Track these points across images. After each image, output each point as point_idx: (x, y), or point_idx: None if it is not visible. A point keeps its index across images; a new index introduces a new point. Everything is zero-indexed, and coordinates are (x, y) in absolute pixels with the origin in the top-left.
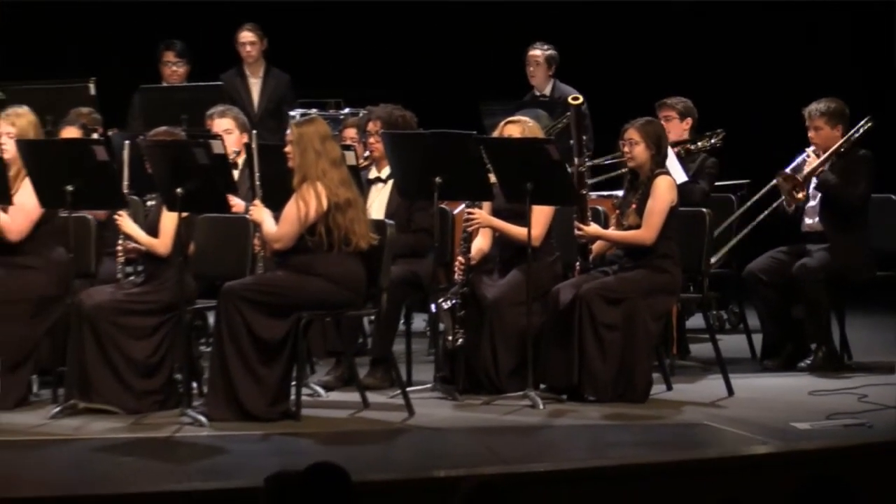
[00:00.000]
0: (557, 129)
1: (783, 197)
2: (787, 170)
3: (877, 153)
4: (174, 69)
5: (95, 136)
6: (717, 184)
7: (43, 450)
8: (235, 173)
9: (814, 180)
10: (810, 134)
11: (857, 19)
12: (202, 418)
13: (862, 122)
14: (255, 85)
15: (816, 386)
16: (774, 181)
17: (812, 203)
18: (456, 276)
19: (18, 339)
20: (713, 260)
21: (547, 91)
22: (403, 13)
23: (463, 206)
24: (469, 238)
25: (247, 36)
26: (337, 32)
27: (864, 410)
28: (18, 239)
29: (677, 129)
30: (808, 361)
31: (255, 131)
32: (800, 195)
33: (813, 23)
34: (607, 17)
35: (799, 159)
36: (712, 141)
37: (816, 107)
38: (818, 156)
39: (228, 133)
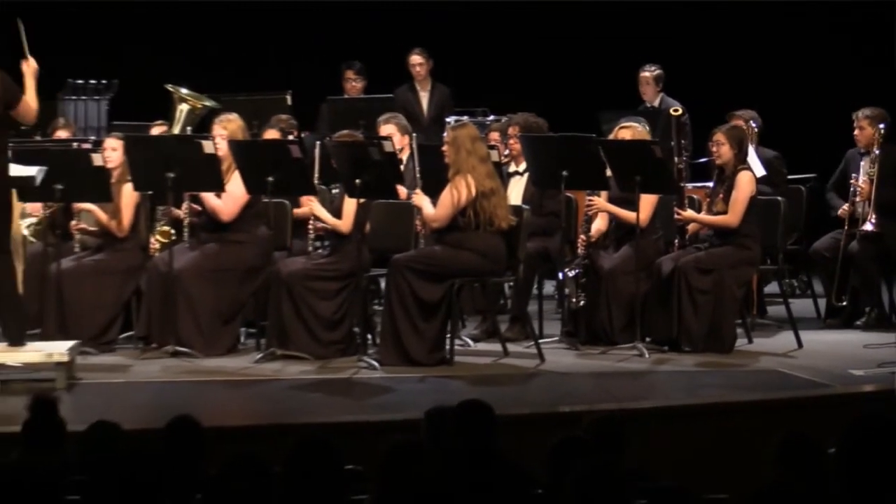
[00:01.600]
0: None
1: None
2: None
3: None
4: (353, 84)
5: (291, 137)
6: (790, 176)
7: (248, 388)
8: (402, 167)
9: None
10: (855, 133)
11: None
12: (375, 363)
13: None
14: (424, 97)
15: (869, 340)
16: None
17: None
18: (579, 251)
19: (230, 299)
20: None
21: (656, 103)
22: (540, 39)
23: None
24: (589, 220)
25: (417, 59)
26: (485, 54)
27: None
28: (229, 220)
29: (749, 134)
30: (863, 321)
31: (415, 133)
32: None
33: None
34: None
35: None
36: None
37: (863, 111)
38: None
39: (391, 136)
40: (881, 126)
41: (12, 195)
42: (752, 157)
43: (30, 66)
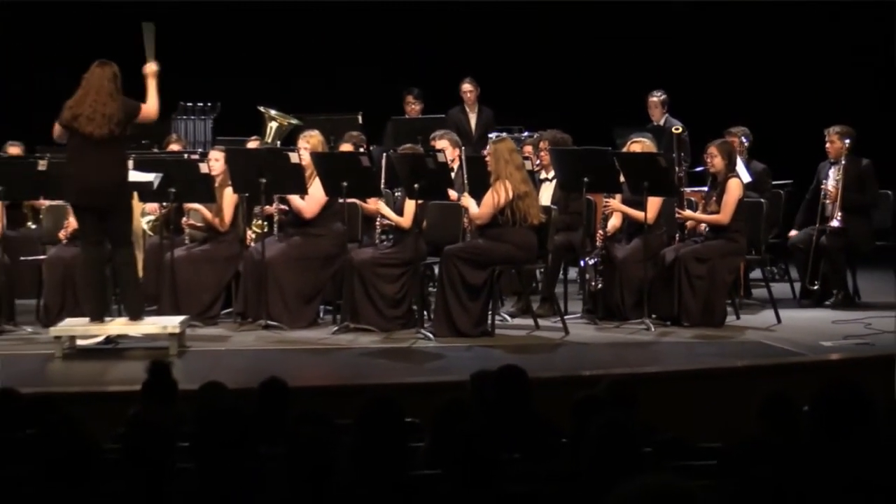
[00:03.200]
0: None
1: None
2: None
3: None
4: (413, 106)
5: (362, 150)
6: (773, 182)
7: (326, 355)
8: (452, 175)
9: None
10: (827, 146)
11: None
12: (430, 335)
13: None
14: (473, 118)
15: (837, 317)
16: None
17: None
18: (597, 243)
19: (311, 282)
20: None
21: (661, 122)
22: (567, 70)
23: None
24: (606, 218)
25: (467, 86)
26: (521, 82)
27: (868, 334)
28: (311, 217)
29: (739, 148)
30: (831, 301)
31: (464, 147)
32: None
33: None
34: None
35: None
36: None
37: (834, 128)
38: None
39: (444, 149)
40: (847, 141)
41: (133, 197)
42: (741, 167)
43: (150, 68)
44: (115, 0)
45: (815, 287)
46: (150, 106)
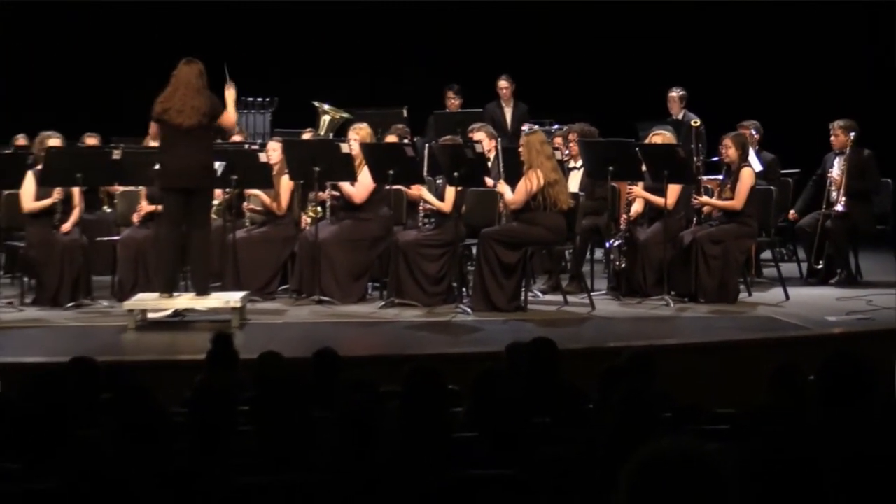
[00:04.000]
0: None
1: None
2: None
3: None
4: (452, 101)
5: (406, 141)
6: (781, 171)
7: (374, 328)
8: (489, 164)
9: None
10: (832, 138)
11: None
12: (468, 310)
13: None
14: (508, 112)
15: (841, 295)
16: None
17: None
18: (621, 226)
19: (360, 261)
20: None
21: (680, 116)
22: (593, 69)
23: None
24: (630, 203)
25: (504, 83)
26: (553, 80)
27: (869, 310)
28: (360, 202)
29: (751, 139)
30: (835, 280)
31: (500, 138)
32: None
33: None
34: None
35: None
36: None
37: (838, 122)
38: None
39: (482, 140)
40: (852, 134)
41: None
42: (752, 157)
43: (231, 91)
44: (188, 1)
45: (821, 267)
46: (230, 115)
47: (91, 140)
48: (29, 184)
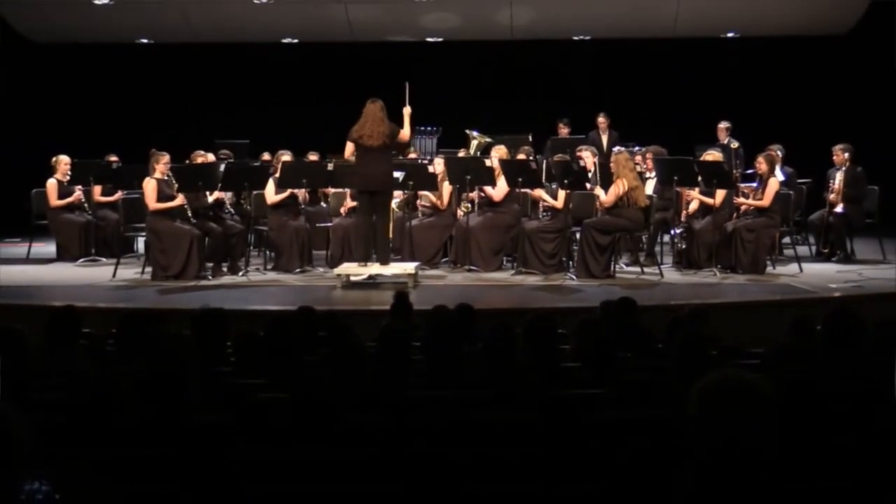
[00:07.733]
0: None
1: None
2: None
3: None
4: (563, 130)
5: (531, 158)
6: (798, 180)
7: (507, 289)
8: (589, 174)
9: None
10: (834, 157)
11: None
12: (573, 277)
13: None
14: (605, 138)
15: (840, 269)
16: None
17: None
18: (682, 220)
19: (498, 241)
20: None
21: (725, 141)
22: (665, 106)
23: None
24: (688, 203)
25: (601, 119)
26: (635, 113)
27: (861, 280)
28: (498, 200)
29: (777, 157)
30: (835, 259)
31: (597, 156)
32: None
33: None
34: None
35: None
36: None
37: (839, 145)
38: (839, 182)
39: (585, 158)
40: (847, 154)
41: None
42: (777, 170)
43: (407, 110)
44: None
45: (826, 249)
46: (406, 132)
47: (313, 157)
48: (270, 186)
